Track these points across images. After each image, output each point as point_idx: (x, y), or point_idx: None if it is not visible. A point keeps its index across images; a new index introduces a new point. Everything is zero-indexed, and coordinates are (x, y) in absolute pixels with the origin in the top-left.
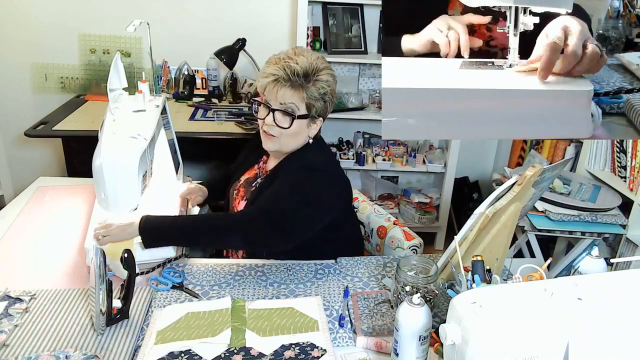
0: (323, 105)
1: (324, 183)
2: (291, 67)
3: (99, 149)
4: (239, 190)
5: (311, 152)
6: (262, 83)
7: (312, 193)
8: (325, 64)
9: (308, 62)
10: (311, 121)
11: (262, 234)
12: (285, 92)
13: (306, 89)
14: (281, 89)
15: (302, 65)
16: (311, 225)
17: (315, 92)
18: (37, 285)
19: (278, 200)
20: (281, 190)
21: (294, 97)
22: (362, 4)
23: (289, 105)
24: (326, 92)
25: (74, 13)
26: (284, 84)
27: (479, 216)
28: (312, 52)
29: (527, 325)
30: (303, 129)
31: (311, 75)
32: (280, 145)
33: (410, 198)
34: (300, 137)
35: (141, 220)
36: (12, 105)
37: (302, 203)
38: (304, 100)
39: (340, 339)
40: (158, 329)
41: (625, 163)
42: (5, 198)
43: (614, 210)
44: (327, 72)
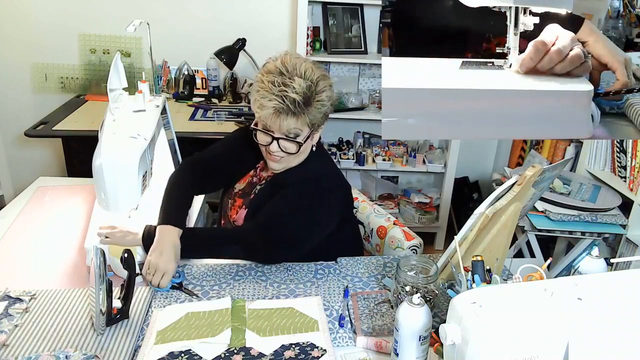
0: (323, 116)
1: (325, 192)
2: (290, 97)
3: (99, 149)
4: (235, 200)
5: (313, 161)
6: (262, 115)
7: (314, 206)
8: (320, 74)
9: (305, 84)
10: (313, 134)
11: (261, 250)
12: (288, 123)
13: (308, 113)
14: (284, 121)
15: (300, 91)
16: (311, 241)
17: (317, 113)
18: (37, 285)
19: (278, 219)
20: (284, 208)
21: (298, 124)
22: (362, 4)
23: (294, 131)
24: (327, 107)
25: (74, 13)
26: (285, 116)
27: (479, 216)
28: (305, 61)
29: (527, 325)
30: (307, 145)
31: (311, 99)
32: (287, 163)
33: (410, 198)
34: (307, 150)
35: (144, 230)
36: (12, 105)
37: (305, 219)
38: (307, 123)
39: (340, 339)
40: (158, 329)
41: (625, 163)
42: (5, 198)
43: (614, 210)
44: (325, 86)
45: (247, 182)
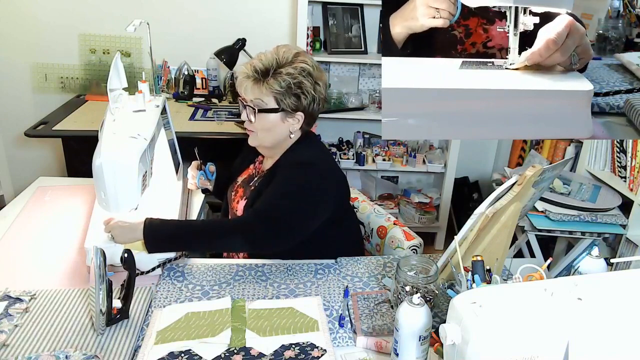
0: (296, 99)
1: (317, 176)
2: (253, 64)
3: (99, 149)
4: (237, 191)
5: (303, 148)
6: (236, 86)
7: (307, 189)
8: (299, 57)
9: (273, 57)
10: (286, 115)
11: (262, 237)
12: (247, 88)
13: (266, 82)
14: (244, 85)
15: (265, 61)
16: (310, 222)
17: (276, 85)
18: (37, 285)
19: (274, 202)
20: (277, 192)
21: (256, 92)
22: (362, 4)
23: (256, 101)
24: (290, 85)
25: (74, 13)
26: (246, 80)
27: (479, 216)
28: (292, 48)
29: (527, 325)
30: (277, 124)
31: (271, 70)
32: (258, 140)
33: (410, 198)
34: (276, 132)
35: (145, 225)
36: (12, 105)
37: (298, 201)
38: (269, 95)
39: (340, 339)
40: (158, 329)
41: (625, 163)
42: (5, 198)
43: (614, 210)
44: (295, 66)
45: (248, 174)
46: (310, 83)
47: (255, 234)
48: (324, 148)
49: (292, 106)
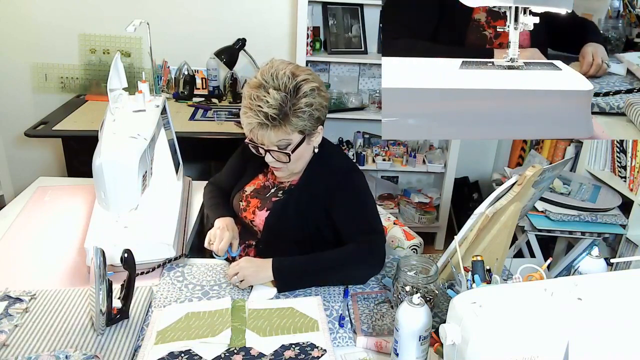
0: (315, 120)
1: (363, 180)
2: (264, 111)
3: (99, 149)
4: (248, 201)
5: (335, 157)
6: (246, 131)
7: (369, 194)
8: (298, 78)
9: (280, 95)
10: (310, 136)
11: (379, 252)
12: (270, 135)
13: (289, 123)
14: (265, 134)
15: (275, 104)
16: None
17: (300, 122)
18: (37, 285)
19: (366, 215)
20: (358, 204)
21: (280, 135)
22: (362, 4)
23: (281, 143)
24: (311, 113)
25: (74, 13)
26: (265, 129)
27: (479, 216)
28: (287, 67)
29: (527, 325)
30: (305, 150)
31: (285, 108)
32: (290, 170)
33: (410, 198)
34: (305, 155)
35: (274, 267)
36: (12, 105)
37: (371, 206)
38: (293, 132)
39: (340, 339)
40: (158, 329)
41: (625, 163)
42: (5, 198)
43: (614, 210)
44: (304, 92)
45: (260, 184)
46: (320, 96)
47: (375, 252)
48: (336, 147)
49: (314, 127)
